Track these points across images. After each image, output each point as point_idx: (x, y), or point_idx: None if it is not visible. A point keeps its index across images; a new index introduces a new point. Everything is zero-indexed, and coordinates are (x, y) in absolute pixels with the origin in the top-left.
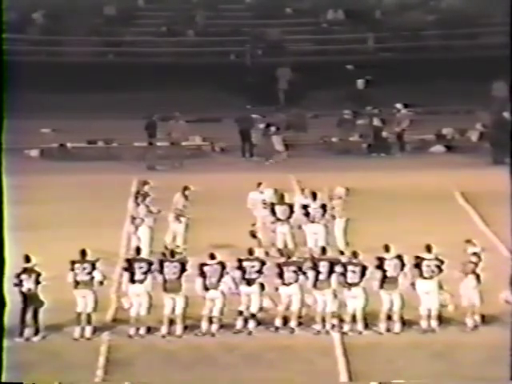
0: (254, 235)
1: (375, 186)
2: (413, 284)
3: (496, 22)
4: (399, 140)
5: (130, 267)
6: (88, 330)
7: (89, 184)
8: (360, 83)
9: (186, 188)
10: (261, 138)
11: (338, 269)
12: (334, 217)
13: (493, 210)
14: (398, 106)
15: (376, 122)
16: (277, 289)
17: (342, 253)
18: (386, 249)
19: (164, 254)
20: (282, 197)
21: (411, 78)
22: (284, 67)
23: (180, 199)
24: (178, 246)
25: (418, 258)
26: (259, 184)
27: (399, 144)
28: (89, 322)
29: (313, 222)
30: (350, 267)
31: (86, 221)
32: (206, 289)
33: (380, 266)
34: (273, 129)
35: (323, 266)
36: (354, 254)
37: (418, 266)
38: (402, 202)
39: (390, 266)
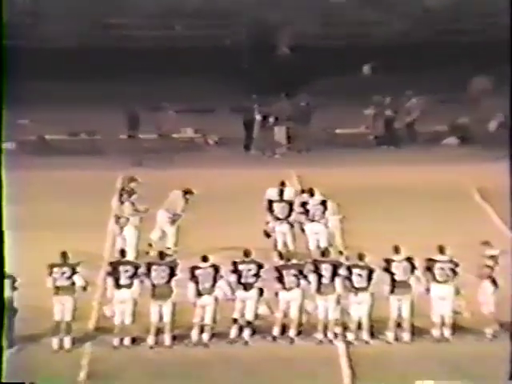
0: (268, 234)
1: (383, 181)
2: (427, 289)
3: None
4: (410, 131)
5: (114, 271)
6: (67, 341)
7: (70, 180)
8: (366, 69)
9: (188, 191)
10: (259, 130)
11: (343, 272)
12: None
13: None
14: (409, 93)
15: (387, 111)
16: (276, 294)
17: (340, 253)
18: (395, 250)
19: (148, 253)
20: (280, 193)
21: (423, 64)
22: (284, 52)
23: (180, 202)
24: (168, 248)
25: (430, 260)
26: (282, 183)
27: (410, 135)
28: (68, 331)
29: (312, 220)
30: (355, 270)
31: (67, 221)
32: (199, 294)
33: (388, 268)
34: (271, 119)
35: (326, 269)
36: (360, 256)
37: (429, 268)
38: (412, 199)
39: (399, 269)
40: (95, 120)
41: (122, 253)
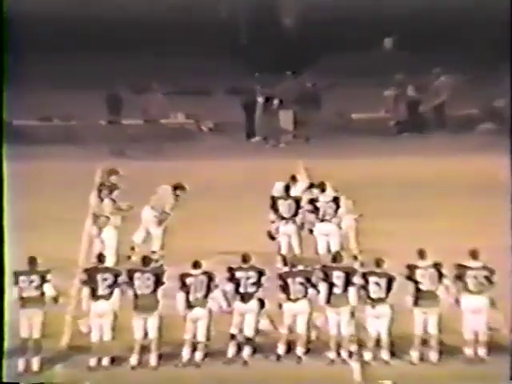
0: (272, 236)
1: (406, 174)
2: (458, 300)
3: None
4: (437, 115)
5: (90, 279)
6: (36, 362)
7: (40, 173)
8: (387, 43)
9: (178, 187)
10: (261, 115)
11: (357, 280)
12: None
13: None
14: (437, 71)
15: (410, 92)
16: (280, 306)
17: (355, 258)
18: (420, 254)
19: (130, 258)
20: (286, 189)
21: (453, 37)
22: (289, 24)
23: (169, 199)
24: (153, 252)
25: (460, 266)
26: (293, 177)
27: (437, 121)
28: (37, 350)
29: (323, 220)
30: (372, 278)
31: (35, 220)
32: (190, 306)
33: (411, 276)
34: (275, 102)
35: (338, 277)
36: (378, 262)
37: (460, 276)
38: (440, 194)
39: (425, 277)
40: (70, 103)
41: (100, 258)
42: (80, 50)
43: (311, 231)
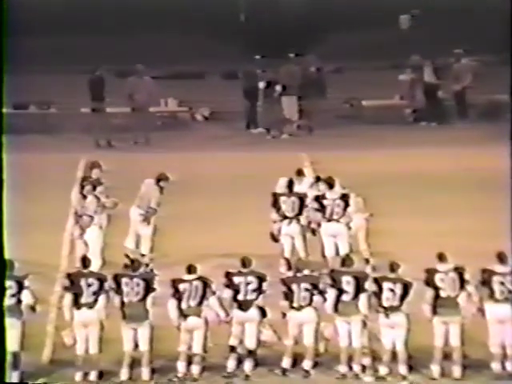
0: (275, 238)
1: (423, 168)
2: (480, 309)
3: None
4: (459, 102)
5: (73, 285)
6: (15, 378)
7: (16, 166)
8: (404, 20)
9: (161, 178)
10: (262, 102)
11: (369, 286)
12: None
13: None
14: (458, 52)
15: (428, 76)
16: (284, 315)
17: (367, 261)
18: (440, 258)
19: (127, 266)
20: (289, 185)
21: (477, 14)
22: (292, 2)
23: (153, 193)
24: (142, 255)
25: (486, 271)
26: (299, 172)
27: (459, 108)
28: (15, 365)
29: (330, 219)
30: (386, 284)
31: (10, 220)
32: (184, 315)
33: (430, 282)
34: (278, 88)
35: (347, 283)
36: (392, 266)
37: (485, 282)
38: (461, 190)
39: (445, 282)
40: (49, 88)
41: (84, 261)
42: (57, 30)
43: (313, 231)
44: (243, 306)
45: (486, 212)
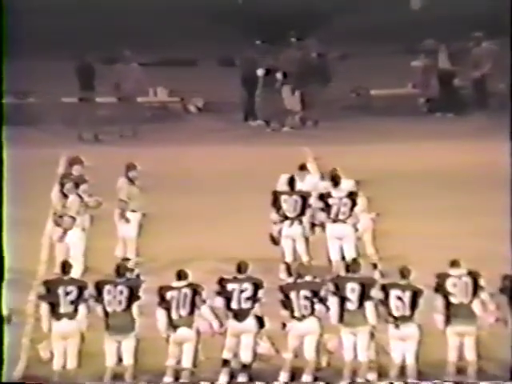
0: (275, 240)
1: (437, 163)
2: (498, 319)
3: None
4: (478, 91)
5: (51, 293)
6: None
7: None
8: (415, 0)
9: (130, 167)
10: (261, 91)
11: (377, 294)
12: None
13: None
14: (478, 35)
15: (443, 62)
16: (284, 325)
17: (374, 266)
18: (453, 263)
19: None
20: (291, 182)
21: None
22: None
23: (123, 185)
24: (126, 260)
25: (507, 277)
26: (302, 167)
27: (478, 97)
28: None
29: (336, 220)
30: (394, 291)
31: None
32: (173, 326)
33: (440, 288)
34: (279, 76)
35: (352, 290)
36: (403, 271)
37: (504, 290)
38: (478, 188)
39: (457, 288)
40: (27, 76)
41: (64, 267)
42: (36, 12)
43: (313, 226)
44: (239, 315)
45: (508, 213)
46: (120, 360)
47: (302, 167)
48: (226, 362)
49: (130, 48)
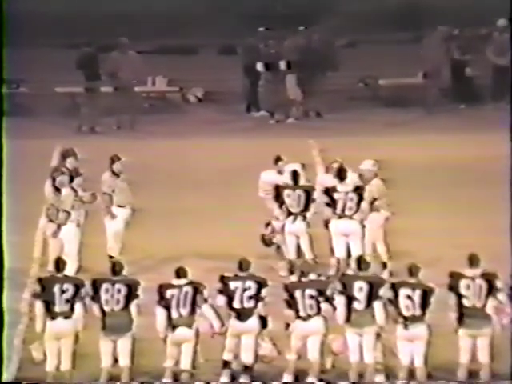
0: (266, 242)
1: (449, 157)
2: None
3: None
4: (495, 81)
5: (46, 292)
6: None
7: None
8: None
9: (114, 159)
10: (264, 81)
11: (385, 293)
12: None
13: None
14: (500, 22)
15: (457, 51)
16: (287, 325)
17: (384, 265)
18: (471, 261)
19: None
20: (295, 176)
21: None
22: None
23: (108, 179)
24: (111, 257)
25: None
26: (277, 159)
27: (494, 88)
28: None
29: (341, 216)
30: (404, 290)
31: None
32: (172, 326)
33: (454, 287)
34: (282, 65)
35: (360, 289)
36: (412, 269)
37: None
38: (493, 183)
39: (471, 290)
40: (19, 64)
41: (58, 264)
42: None
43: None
44: (241, 315)
45: None
46: (116, 361)
47: (277, 160)
48: (226, 364)
49: (128, 35)
